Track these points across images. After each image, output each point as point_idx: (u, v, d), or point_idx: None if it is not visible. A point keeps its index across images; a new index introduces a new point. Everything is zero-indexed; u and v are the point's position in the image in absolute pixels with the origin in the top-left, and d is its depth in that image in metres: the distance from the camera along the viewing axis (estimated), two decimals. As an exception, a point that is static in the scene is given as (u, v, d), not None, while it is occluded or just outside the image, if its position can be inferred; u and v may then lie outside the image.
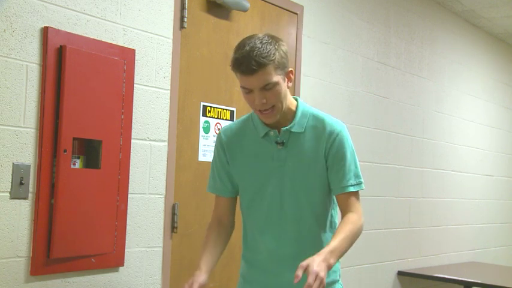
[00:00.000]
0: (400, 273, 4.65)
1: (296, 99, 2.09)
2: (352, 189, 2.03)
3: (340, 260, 2.15)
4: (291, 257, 2.03)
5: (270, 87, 1.91)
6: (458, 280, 4.42)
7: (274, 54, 1.89)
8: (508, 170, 6.41)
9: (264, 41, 1.89)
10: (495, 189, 6.15)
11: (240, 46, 1.91)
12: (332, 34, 4.00)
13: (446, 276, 4.53)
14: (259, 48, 1.87)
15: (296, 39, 3.70)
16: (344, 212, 2.03)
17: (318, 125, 2.05)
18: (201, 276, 1.99)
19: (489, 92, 6.04)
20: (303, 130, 2.04)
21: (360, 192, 2.07)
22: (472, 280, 4.37)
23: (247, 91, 1.93)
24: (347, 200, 2.03)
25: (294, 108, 2.06)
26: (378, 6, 4.44)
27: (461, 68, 5.55)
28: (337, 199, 2.07)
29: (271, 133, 2.05)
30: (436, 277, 4.57)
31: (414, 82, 4.87)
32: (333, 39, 4.01)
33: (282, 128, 2.04)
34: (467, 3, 5.13)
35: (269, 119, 1.98)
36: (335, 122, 2.07)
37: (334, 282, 2.13)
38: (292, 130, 2.03)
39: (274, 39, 1.93)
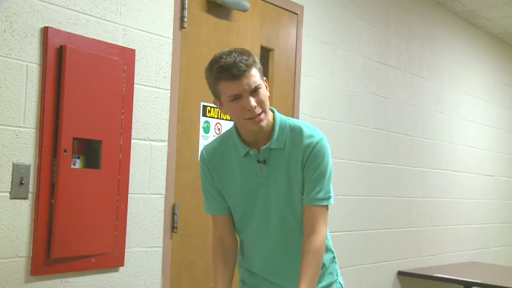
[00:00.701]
0: (400, 273, 4.65)
1: (272, 111, 2.06)
2: (319, 202, 1.99)
3: (336, 260, 2.19)
4: (283, 267, 2.09)
5: (259, 89, 1.92)
6: (458, 280, 4.42)
7: (253, 59, 1.93)
8: (508, 170, 6.41)
9: (238, 50, 1.93)
10: (495, 189, 6.15)
11: (217, 59, 1.92)
12: (332, 34, 4.00)
13: (446, 276, 4.53)
14: (238, 56, 1.90)
15: (296, 39, 3.70)
16: (307, 229, 1.99)
17: (296, 138, 2.02)
18: None
19: (489, 92, 6.04)
20: (282, 146, 2.02)
21: (329, 206, 2.03)
22: (472, 280, 4.37)
23: (236, 98, 1.91)
24: (313, 213, 1.99)
25: (271, 120, 2.03)
26: (378, 6, 4.44)
27: (461, 68, 5.55)
28: (303, 210, 2.02)
29: (251, 152, 2.03)
30: (436, 277, 4.57)
31: (414, 82, 4.87)
32: (333, 39, 4.01)
33: (262, 147, 2.02)
34: (467, 3, 5.13)
35: (258, 124, 1.95)
36: (314, 132, 2.04)
37: (331, 283, 2.15)
38: (272, 147, 2.02)
39: (245, 50, 1.96)
